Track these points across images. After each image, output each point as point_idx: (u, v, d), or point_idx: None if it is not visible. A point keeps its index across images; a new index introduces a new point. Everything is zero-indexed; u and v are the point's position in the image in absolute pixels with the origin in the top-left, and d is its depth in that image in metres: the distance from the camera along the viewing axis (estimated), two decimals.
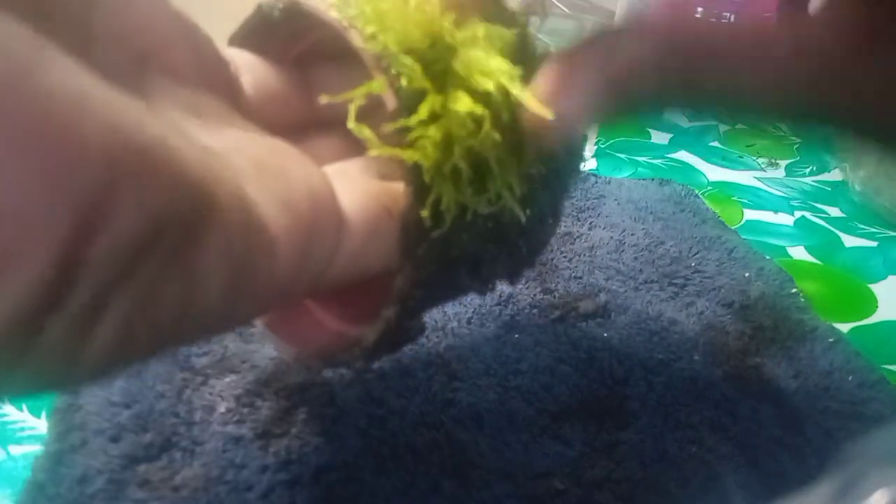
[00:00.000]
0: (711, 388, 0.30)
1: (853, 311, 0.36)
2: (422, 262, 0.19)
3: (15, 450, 0.26)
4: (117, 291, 0.12)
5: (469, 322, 0.32)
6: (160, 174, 0.13)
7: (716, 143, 0.54)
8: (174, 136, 0.14)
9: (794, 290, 0.36)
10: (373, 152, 0.18)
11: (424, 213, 0.18)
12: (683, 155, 0.52)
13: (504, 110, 0.18)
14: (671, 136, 0.55)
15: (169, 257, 0.13)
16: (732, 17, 0.65)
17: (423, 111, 0.18)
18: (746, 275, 0.37)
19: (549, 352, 0.31)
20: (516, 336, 0.32)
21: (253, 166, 0.16)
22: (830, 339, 0.33)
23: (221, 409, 0.27)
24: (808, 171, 0.51)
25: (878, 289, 0.38)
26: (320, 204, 0.17)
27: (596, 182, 0.45)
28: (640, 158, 0.51)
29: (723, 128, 0.56)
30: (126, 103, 0.13)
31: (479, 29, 0.19)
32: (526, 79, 0.18)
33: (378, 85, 0.18)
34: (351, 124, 0.18)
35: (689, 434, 0.27)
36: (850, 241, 0.43)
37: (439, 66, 0.18)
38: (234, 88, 0.20)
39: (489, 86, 0.18)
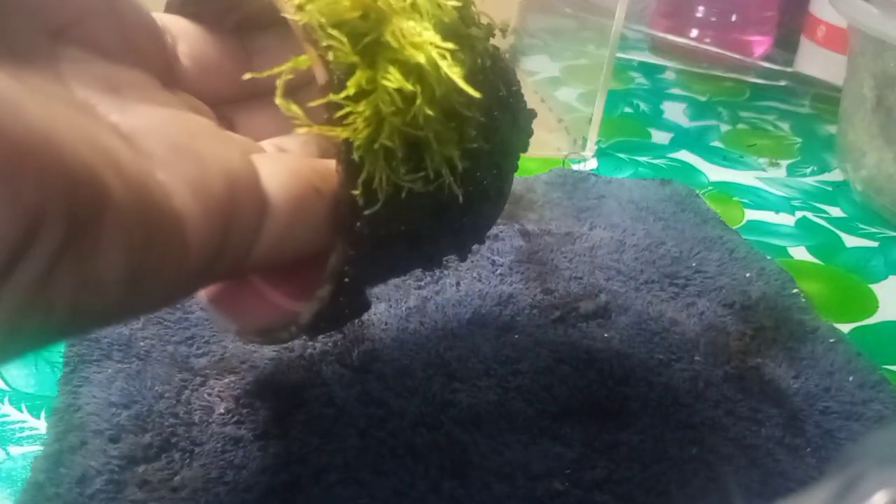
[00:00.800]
0: (712, 389, 0.30)
1: (854, 311, 0.36)
2: (355, 240, 0.19)
3: (14, 450, 0.25)
4: (2, 287, 0.12)
5: (469, 322, 0.32)
6: (36, 169, 0.12)
7: (717, 143, 0.54)
8: (63, 123, 0.13)
9: (794, 291, 0.36)
10: (300, 130, 0.18)
11: (356, 192, 0.18)
12: (684, 155, 0.52)
13: (437, 85, 0.18)
14: (672, 135, 0.55)
15: (54, 254, 0.13)
16: (733, 16, 0.65)
17: (351, 87, 0.17)
18: (747, 275, 0.37)
19: (549, 352, 0.31)
20: (516, 336, 0.32)
21: (165, 148, 0.16)
22: (831, 340, 0.33)
23: (220, 409, 0.27)
24: (809, 171, 0.51)
25: (878, 289, 0.38)
26: (238, 186, 0.17)
27: (596, 182, 0.45)
28: (640, 158, 0.51)
29: (724, 127, 0.56)
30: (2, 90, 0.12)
31: None
32: (461, 55, 0.18)
33: (306, 59, 0.18)
34: (279, 100, 0.17)
35: (690, 435, 0.27)
36: (851, 241, 0.42)
37: (370, 38, 0.18)
38: (166, 58, 0.20)
39: (420, 58, 0.17)
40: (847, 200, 0.47)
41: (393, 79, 0.17)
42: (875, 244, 0.42)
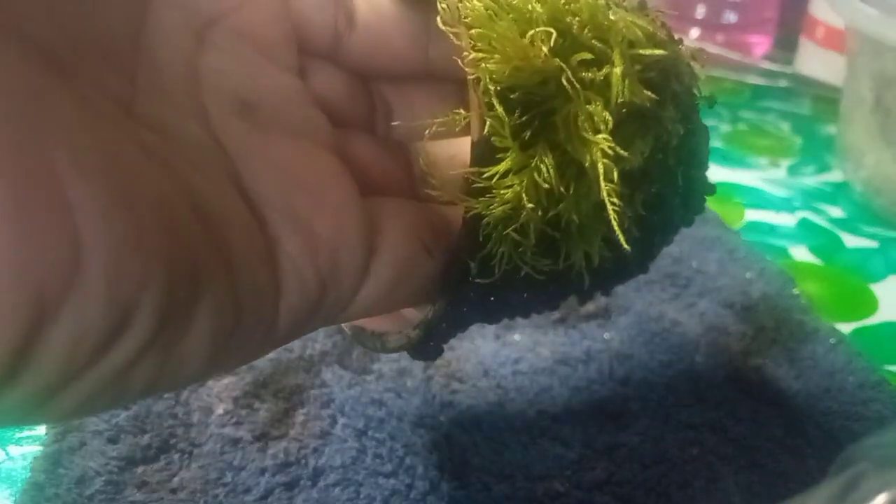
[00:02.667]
0: (713, 390, 0.29)
1: (854, 311, 0.36)
2: (458, 303, 0.18)
3: (14, 450, 0.25)
4: (79, 378, 0.11)
5: (464, 331, 0.32)
6: (136, 252, 0.11)
7: (717, 144, 0.54)
8: (177, 199, 0.12)
9: (795, 291, 0.36)
10: (434, 192, 0.16)
11: (471, 264, 0.16)
12: None
13: (594, 186, 0.16)
14: None
15: (144, 344, 0.12)
16: (733, 17, 0.65)
17: (501, 168, 0.15)
18: (748, 275, 0.37)
19: (549, 353, 0.31)
20: (516, 337, 0.32)
21: (281, 215, 0.15)
22: (832, 340, 0.33)
23: (219, 410, 0.27)
24: (809, 171, 0.51)
25: (879, 289, 0.38)
26: (343, 258, 0.16)
27: None
28: None
29: (724, 128, 0.56)
30: (129, 164, 0.11)
31: (617, 68, 0.15)
32: (639, 143, 0.16)
33: (462, 118, 0.16)
34: (421, 164, 0.17)
35: (690, 435, 0.27)
36: (851, 241, 0.42)
37: (544, 108, 0.16)
38: (335, 28, 0.18)
39: (585, 159, 0.15)
40: (847, 201, 0.47)
41: (544, 176, 0.15)
42: (875, 244, 0.42)
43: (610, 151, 0.15)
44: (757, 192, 0.47)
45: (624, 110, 0.16)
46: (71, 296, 0.10)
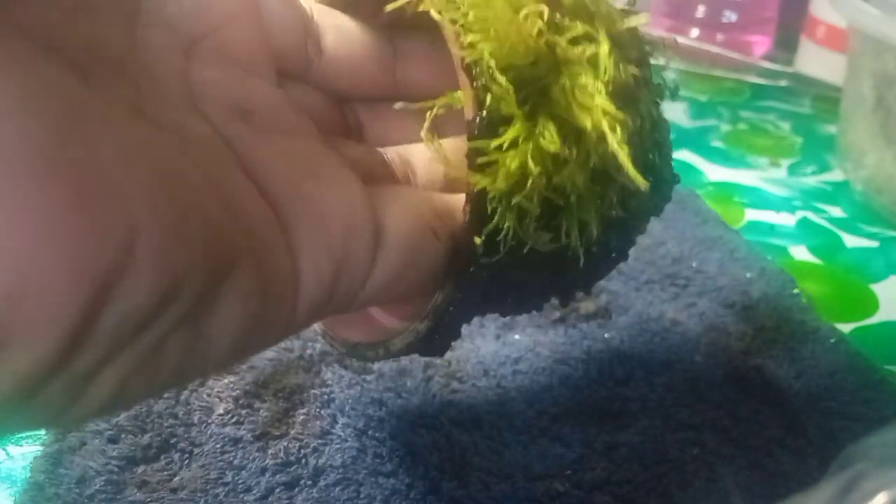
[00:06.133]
0: (713, 390, 0.29)
1: (854, 311, 0.36)
2: (466, 285, 0.18)
3: (14, 450, 0.25)
4: (120, 356, 0.12)
5: (469, 323, 0.32)
6: (180, 237, 0.12)
7: (718, 143, 0.54)
8: (205, 182, 0.13)
9: (795, 291, 0.36)
10: (437, 168, 0.17)
11: (478, 241, 0.17)
12: (685, 154, 0.52)
13: (594, 152, 0.16)
14: (672, 135, 0.55)
15: (178, 321, 0.12)
16: (733, 16, 0.65)
17: (507, 138, 0.16)
18: (748, 275, 0.37)
19: (549, 353, 0.31)
20: (516, 337, 0.32)
21: (291, 198, 0.15)
22: (832, 340, 0.33)
23: (220, 410, 0.27)
24: (809, 170, 0.51)
25: (879, 289, 0.38)
26: (354, 237, 0.16)
27: None
28: None
29: (724, 127, 0.56)
30: (163, 156, 0.12)
31: (603, 45, 0.16)
32: (628, 122, 0.16)
33: (461, 97, 0.17)
34: (425, 133, 0.17)
35: (691, 435, 0.27)
36: (851, 241, 0.42)
37: (537, 85, 0.16)
38: (305, 53, 0.19)
39: (587, 123, 0.16)
40: (848, 200, 0.47)
41: (549, 140, 0.16)
42: (876, 244, 0.42)
43: (610, 110, 0.16)
44: (757, 191, 0.47)
45: (610, 87, 0.16)
46: (125, 278, 0.11)
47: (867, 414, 0.29)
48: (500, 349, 0.31)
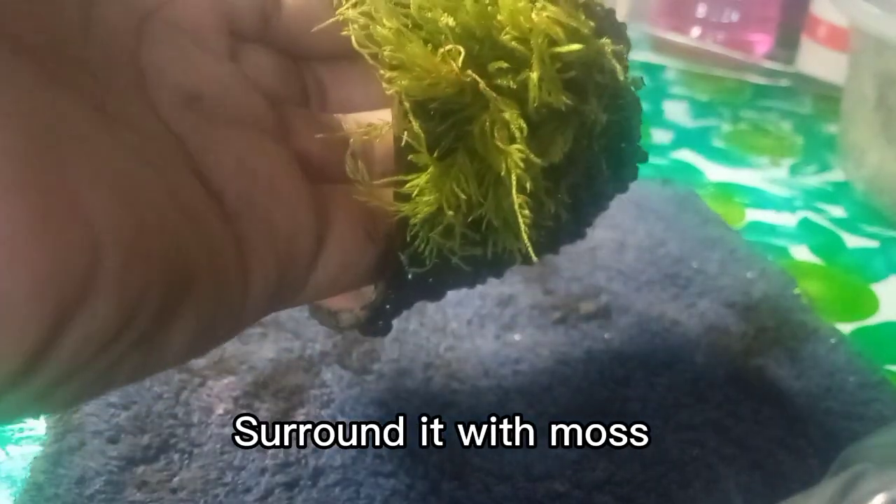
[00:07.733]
0: (713, 390, 0.29)
1: (855, 311, 0.36)
2: (397, 287, 0.19)
3: (14, 450, 0.25)
4: (77, 375, 0.12)
5: (469, 323, 0.32)
6: (142, 256, 0.12)
7: (718, 143, 0.54)
8: (162, 197, 0.13)
9: (796, 291, 0.36)
10: (360, 196, 0.17)
11: (402, 257, 0.17)
12: (686, 154, 0.51)
13: (512, 193, 0.16)
14: (673, 135, 0.55)
15: (137, 340, 0.12)
16: (734, 15, 0.65)
17: (420, 182, 0.16)
18: (749, 275, 0.37)
19: (550, 353, 0.31)
20: (516, 337, 0.32)
21: (242, 203, 0.15)
22: (832, 340, 0.33)
23: (219, 410, 0.27)
24: (810, 170, 0.51)
25: (879, 289, 0.38)
26: (298, 243, 0.16)
27: None
28: None
29: (725, 127, 0.56)
30: (125, 167, 0.12)
31: (534, 73, 0.15)
32: (558, 138, 0.16)
33: (380, 130, 0.17)
34: (348, 159, 0.17)
35: (691, 436, 0.27)
36: (852, 241, 0.42)
37: (463, 115, 0.16)
38: (263, 11, 0.18)
39: (501, 168, 0.16)
40: (849, 200, 0.46)
41: (462, 186, 0.16)
42: (876, 244, 0.42)
43: (521, 164, 0.15)
44: (758, 191, 0.47)
45: (544, 110, 0.16)
46: (87, 299, 0.11)
47: (867, 414, 0.29)
48: (500, 349, 0.31)
